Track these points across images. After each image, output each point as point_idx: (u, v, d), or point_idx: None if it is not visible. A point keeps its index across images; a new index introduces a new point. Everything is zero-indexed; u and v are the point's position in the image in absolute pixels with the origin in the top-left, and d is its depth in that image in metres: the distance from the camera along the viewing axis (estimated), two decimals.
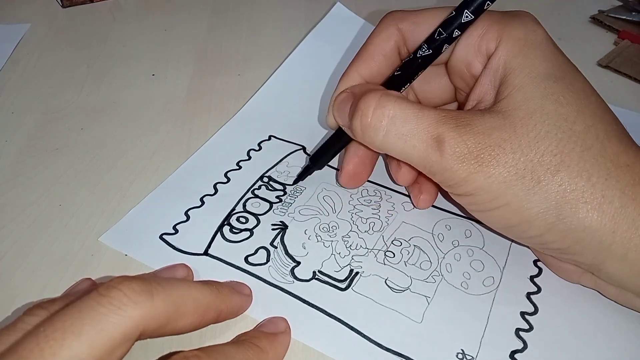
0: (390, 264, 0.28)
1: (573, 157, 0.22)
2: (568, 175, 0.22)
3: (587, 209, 0.22)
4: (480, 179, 0.23)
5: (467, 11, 0.24)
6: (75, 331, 0.19)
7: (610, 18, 0.49)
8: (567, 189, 0.22)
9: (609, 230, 0.22)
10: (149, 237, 0.30)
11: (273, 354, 0.23)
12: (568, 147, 0.22)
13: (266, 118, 0.38)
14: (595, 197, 0.22)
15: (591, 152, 0.22)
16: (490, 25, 0.25)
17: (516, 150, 0.23)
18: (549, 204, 0.22)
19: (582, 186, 0.22)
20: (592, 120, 0.23)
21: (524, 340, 0.25)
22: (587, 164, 0.22)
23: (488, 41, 0.25)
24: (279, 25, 0.51)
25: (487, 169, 0.23)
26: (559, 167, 0.22)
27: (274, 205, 0.32)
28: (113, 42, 0.49)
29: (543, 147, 0.22)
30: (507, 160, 0.23)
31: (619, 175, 0.22)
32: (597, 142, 0.23)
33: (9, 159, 0.36)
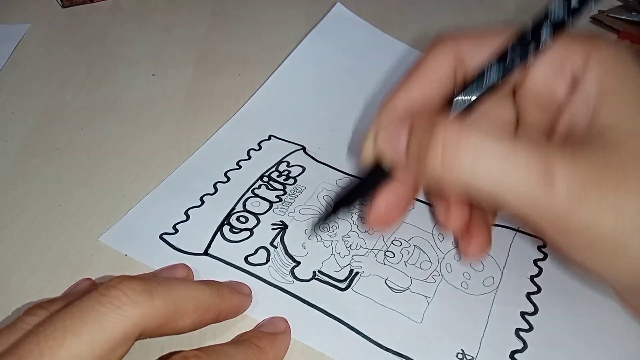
0: (390, 264, 0.28)
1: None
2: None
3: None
4: (607, 219, 0.18)
5: (546, 34, 0.21)
6: (76, 331, 0.19)
7: (610, 18, 0.49)
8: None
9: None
10: (149, 237, 0.30)
11: (273, 354, 0.23)
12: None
13: (266, 118, 0.38)
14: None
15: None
16: (571, 43, 0.22)
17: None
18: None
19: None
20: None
21: (524, 340, 0.25)
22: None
23: (573, 61, 0.22)
24: (279, 25, 0.51)
25: (615, 204, 0.18)
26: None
27: (274, 204, 0.32)
28: (113, 42, 0.49)
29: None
30: (636, 198, 0.18)
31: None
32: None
33: (9, 159, 0.36)
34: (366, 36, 0.46)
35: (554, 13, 0.21)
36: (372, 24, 0.47)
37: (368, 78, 0.42)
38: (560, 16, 0.20)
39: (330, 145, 0.36)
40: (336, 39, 0.45)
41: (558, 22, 0.21)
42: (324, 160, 0.35)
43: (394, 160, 0.23)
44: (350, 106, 0.39)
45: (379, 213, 0.26)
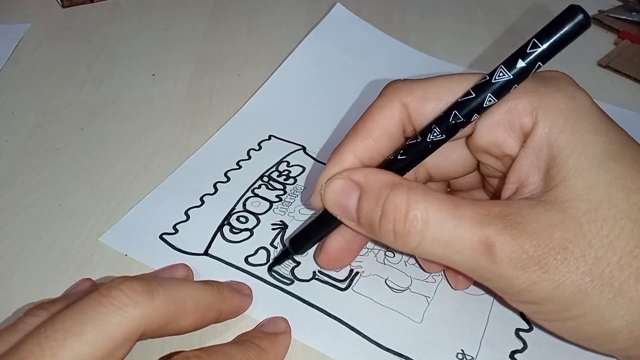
0: (390, 263, 0.28)
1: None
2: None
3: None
4: (548, 288, 0.19)
5: (490, 95, 0.20)
6: (76, 331, 0.19)
7: (610, 18, 0.49)
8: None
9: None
10: (149, 237, 0.30)
11: (274, 354, 0.23)
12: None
13: (266, 118, 0.38)
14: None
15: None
16: (518, 98, 0.21)
17: (587, 252, 0.19)
18: (634, 315, 0.19)
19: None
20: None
21: (523, 341, 0.25)
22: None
23: (520, 116, 0.21)
24: (279, 25, 0.51)
25: (555, 277, 0.19)
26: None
27: (274, 204, 0.32)
28: (113, 42, 0.49)
29: (620, 248, 0.19)
30: (578, 265, 0.19)
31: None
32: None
33: (9, 159, 0.36)
34: (366, 36, 0.46)
35: (498, 76, 0.20)
36: (372, 24, 0.47)
37: (368, 78, 0.42)
38: (504, 80, 0.20)
39: (330, 145, 0.36)
40: (336, 39, 0.45)
41: (501, 86, 0.20)
42: (324, 160, 0.35)
43: (344, 218, 0.24)
44: (351, 106, 0.39)
45: (329, 256, 0.27)
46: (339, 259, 0.27)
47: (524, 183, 0.22)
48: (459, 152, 0.26)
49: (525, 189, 0.22)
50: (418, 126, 0.24)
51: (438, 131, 0.22)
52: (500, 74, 0.20)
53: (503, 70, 0.20)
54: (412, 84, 0.24)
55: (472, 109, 0.21)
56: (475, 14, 0.52)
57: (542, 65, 0.20)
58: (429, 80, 0.24)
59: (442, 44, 0.48)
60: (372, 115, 0.25)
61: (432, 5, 0.54)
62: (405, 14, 0.52)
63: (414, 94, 0.24)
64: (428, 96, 0.23)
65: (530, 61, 0.19)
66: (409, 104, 0.24)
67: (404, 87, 0.24)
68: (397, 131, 0.24)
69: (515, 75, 0.20)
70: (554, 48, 0.19)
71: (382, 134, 0.24)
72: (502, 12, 0.53)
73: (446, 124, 0.22)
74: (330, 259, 0.27)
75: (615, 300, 0.19)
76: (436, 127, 0.22)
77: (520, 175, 0.22)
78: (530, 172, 0.21)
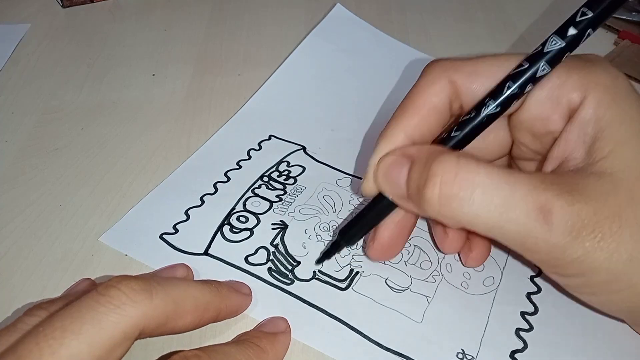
0: (390, 263, 0.28)
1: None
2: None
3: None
4: (600, 257, 0.19)
5: (545, 62, 0.21)
6: (75, 330, 0.19)
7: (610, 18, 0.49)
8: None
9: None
10: (149, 237, 0.30)
11: (273, 353, 0.23)
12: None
13: (266, 118, 0.38)
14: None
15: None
16: (568, 73, 0.22)
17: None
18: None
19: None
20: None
21: (524, 340, 0.25)
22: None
23: (569, 91, 0.22)
24: (279, 25, 0.51)
25: (610, 246, 0.19)
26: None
27: (274, 204, 0.32)
28: (113, 42, 0.49)
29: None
30: (632, 232, 0.19)
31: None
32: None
33: (9, 159, 0.36)
34: (366, 36, 0.46)
35: (550, 45, 0.21)
36: (372, 24, 0.47)
37: (368, 78, 0.42)
38: (557, 48, 0.21)
39: (330, 145, 0.36)
40: (336, 40, 0.45)
41: (554, 54, 0.21)
42: (324, 160, 0.35)
43: (395, 195, 0.24)
44: (350, 106, 0.39)
45: (382, 245, 0.26)
46: (393, 247, 0.26)
47: (568, 157, 0.22)
48: (497, 133, 0.26)
49: (568, 163, 0.22)
50: (465, 103, 0.24)
51: (493, 105, 0.22)
52: (553, 42, 0.21)
53: (555, 39, 0.20)
54: (459, 61, 0.24)
55: (526, 79, 0.21)
56: (475, 14, 0.52)
57: (592, 32, 0.20)
58: (477, 58, 0.24)
59: (442, 44, 0.48)
60: (419, 92, 0.24)
61: (432, 5, 0.54)
62: (405, 14, 0.52)
63: (463, 70, 0.24)
64: (476, 72, 0.23)
65: (582, 28, 0.20)
66: (457, 80, 0.24)
67: (451, 64, 0.24)
68: (444, 108, 0.24)
69: (568, 42, 0.20)
70: (603, 14, 0.20)
71: (431, 111, 0.24)
72: (502, 12, 0.53)
73: (501, 97, 0.22)
74: (385, 248, 0.26)
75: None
76: (491, 100, 0.22)
77: (566, 149, 0.22)
78: (576, 145, 0.22)
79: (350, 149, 0.36)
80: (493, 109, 0.22)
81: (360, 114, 0.38)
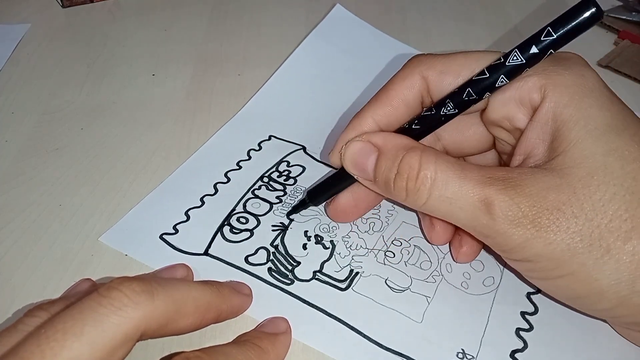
0: (390, 264, 0.28)
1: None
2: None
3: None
4: (540, 245, 0.21)
5: (503, 76, 0.22)
6: (76, 332, 0.19)
7: (610, 18, 0.49)
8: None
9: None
10: (149, 237, 0.30)
11: (274, 354, 0.23)
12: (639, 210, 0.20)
13: (266, 118, 0.38)
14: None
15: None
16: (530, 75, 0.23)
17: (578, 214, 0.20)
18: (621, 275, 0.20)
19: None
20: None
21: (524, 340, 0.25)
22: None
23: (530, 92, 0.23)
24: (279, 25, 0.51)
25: (547, 235, 0.21)
26: (630, 234, 0.20)
27: (274, 205, 0.32)
28: (113, 42, 0.49)
29: (611, 212, 0.20)
30: (569, 225, 0.20)
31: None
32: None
33: (9, 159, 0.36)
34: (366, 37, 0.46)
35: (512, 59, 0.22)
36: (371, 25, 0.47)
37: (368, 78, 0.42)
38: (516, 64, 0.22)
39: (330, 145, 0.36)
40: (336, 40, 0.45)
41: (513, 69, 0.22)
42: (324, 160, 0.35)
43: (361, 178, 0.26)
44: (350, 106, 0.39)
45: (337, 209, 0.29)
46: (347, 213, 0.29)
47: (530, 154, 0.23)
48: (475, 129, 0.27)
49: (530, 160, 0.23)
50: (435, 98, 0.26)
51: (451, 105, 0.24)
52: (514, 57, 0.22)
53: (517, 54, 0.22)
54: (433, 58, 0.26)
55: (484, 87, 0.23)
56: (475, 14, 0.52)
57: (553, 52, 0.21)
58: (449, 56, 0.26)
59: (442, 44, 0.48)
60: (393, 84, 0.27)
61: (432, 5, 0.54)
62: (405, 14, 0.52)
63: (435, 68, 0.26)
64: (447, 71, 0.25)
65: (543, 48, 0.21)
66: (428, 77, 0.26)
67: (425, 60, 0.26)
68: (415, 101, 0.26)
69: (528, 59, 0.21)
70: (566, 37, 0.20)
71: (401, 103, 0.26)
72: (502, 12, 0.53)
73: (459, 100, 0.24)
74: (339, 211, 0.29)
75: (602, 259, 0.20)
76: (450, 102, 0.24)
77: (527, 147, 0.23)
78: (536, 144, 0.23)
79: None
80: (451, 109, 0.24)
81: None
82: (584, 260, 0.20)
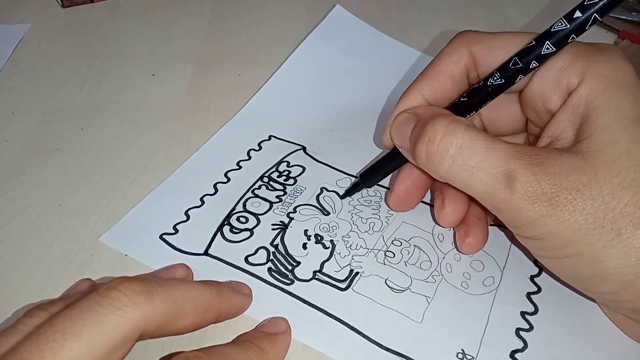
0: (390, 264, 0.28)
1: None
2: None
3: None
4: (553, 223, 0.21)
5: (549, 42, 0.22)
6: (76, 332, 0.19)
7: (610, 18, 0.49)
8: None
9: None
10: (149, 237, 0.30)
11: (274, 354, 0.23)
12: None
13: (266, 118, 0.38)
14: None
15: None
16: (573, 59, 0.23)
17: (596, 196, 0.21)
18: (628, 259, 0.20)
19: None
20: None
21: (524, 340, 0.25)
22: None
23: (570, 75, 0.23)
24: (279, 25, 0.51)
25: (562, 214, 0.21)
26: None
27: (274, 205, 0.32)
28: (113, 42, 0.49)
29: (627, 197, 0.20)
30: (584, 206, 0.21)
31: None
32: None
33: (9, 159, 0.36)
34: (366, 37, 0.46)
35: (557, 26, 0.22)
36: (371, 25, 0.47)
37: (368, 79, 0.42)
38: (561, 29, 0.22)
39: (330, 145, 0.36)
40: (336, 40, 0.45)
41: (562, 34, 0.22)
42: (324, 160, 0.35)
43: (401, 147, 0.27)
44: (350, 106, 0.39)
45: (398, 196, 0.29)
46: (408, 199, 0.30)
47: (557, 137, 0.24)
48: (511, 108, 0.28)
49: (558, 142, 0.23)
50: (482, 73, 0.26)
51: (498, 76, 0.24)
52: (559, 24, 0.22)
53: (562, 21, 0.22)
54: (481, 34, 0.26)
55: (531, 56, 0.23)
56: (475, 14, 0.52)
57: (599, 18, 0.21)
58: (498, 33, 0.26)
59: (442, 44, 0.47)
60: (439, 59, 0.27)
61: (432, 5, 0.54)
62: (405, 14, 0.52)
63: (482, 42, 0.26)
64: (495, 46, 0.25)
65: (588, 14, 0.21)
66: (476, 52, 0.26)
67: (473, 36, 0.26)
68: (461, 76, 0.27)
69: (573, 25, 0.21)
70: (609, 4, 0.20)
71: (447, 77, 0.27)
72: (502, 11, 0.53)
73: (507, 70, 0.24)
74: (401, 198, 0.30)
75: (612, 242, 0.20)
76: (497, 73, 0.24)
77: (556, 129, 0.24)
78: (565, 127, 0.23)
79: (350, 149, 0.36)
80: (498, 80, 0.24)
81: (360, 114, 0.38)
82: (593, 242, 0.21)
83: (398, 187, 0.29)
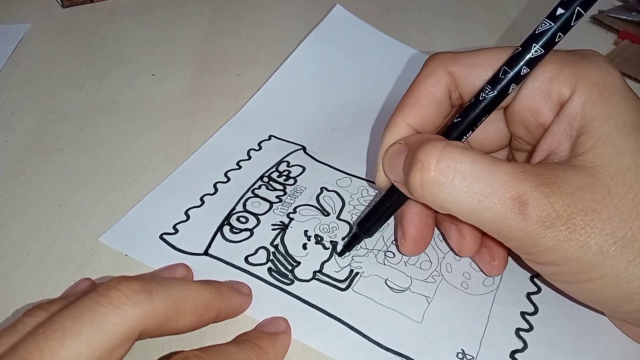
0: (390, 264, 0.28)
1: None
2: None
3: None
4: (572, 248, 0.20)
5: (536, 45, 0.21)
6: (75, 331, 0.19)
7: (610, 18, 0.49)
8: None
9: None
10: (148, 237, 0.30)
11: (274, 354, 0.23)
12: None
13: (266, 118, 0.38)
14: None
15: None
16: (561, 68, 0.22)
17: (613, 215, 0.20)
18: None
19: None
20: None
21: (524, 340, 0.25)
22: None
23: (560, 85, 0.22)
24: (279, 25, 0.51)
25: (580, 237, 0.20)
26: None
27: (274, 205, 0.32)
28: (113, 42, 0.49)
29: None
30: (603, 227, 0.20)
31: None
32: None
33: (9, 159, 0.36)
34: (366, 37, 0.46)
35: (541, 27, 0.21)
36: (371, 25, 0.47)
37: (368, 78, 0.42)
38: (547, 29, 0.21)
39: (330, 145, 0.36)
40: (336, 40, 0.45)
41: (546, 35, 0.21)
42: (324, 160, 0.35)
43: (396, 181, 0.25)
44: (350, 106, 0.39)
45: (414, 239, 0.26)
46: (423, 238, 0.27)
47: (554, 150, 0.23)
48: (496, 125, 0.27)
49: (555, 156, 0.22)
50: (464, 93, 0.25)
51: (490, 89, 0.23)
52: (544, 24, 0.21)
53: (546, 22, 0.21)
54: (456, 54, 0.25)
55: (521, 62, 0.22)
56: (475, 13, 0.52)
57: (583, 12, 0.21)
58: (474, 51, 0.25)
59: (442, 43, 0.48)
60: (418, 84, 0.26)
61: (432, 5, 0.54)
62: (405, 14, 0.52)
63: (459, 61, 0.25)
64: (475, 63, 0.24)
65: (572, 9, 0.21)
66: (455, 71, 0.25)
67: (448, 56, 0.25)
68: (443, 98, 0.25)
69: (557, 23, 0.21)
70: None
71: (430, 101, 0.25)
72: (502, 11, 0.53)
73: (498, 81, 0.23)
74: (417, 240, 0.27)
75: (634, 261, 0.19)
76: (488, 86, 0.23)
77: (552, 142, 0.23)
78: (561, 139, 0.22)
79: (350, 149, 0.36)
80: (491, 93, 0.23)
81: (360, 114, 0.38)
82: (615, 263, 0.20)
83: (409, 230, 0.26)
